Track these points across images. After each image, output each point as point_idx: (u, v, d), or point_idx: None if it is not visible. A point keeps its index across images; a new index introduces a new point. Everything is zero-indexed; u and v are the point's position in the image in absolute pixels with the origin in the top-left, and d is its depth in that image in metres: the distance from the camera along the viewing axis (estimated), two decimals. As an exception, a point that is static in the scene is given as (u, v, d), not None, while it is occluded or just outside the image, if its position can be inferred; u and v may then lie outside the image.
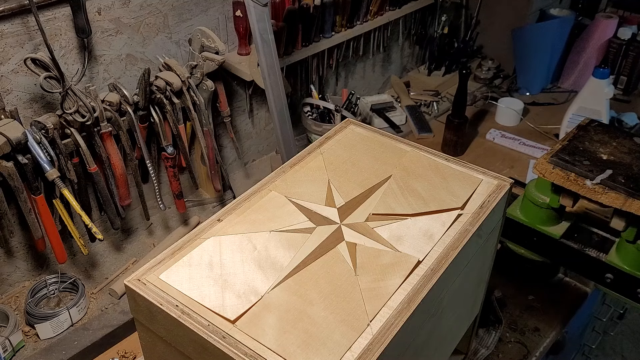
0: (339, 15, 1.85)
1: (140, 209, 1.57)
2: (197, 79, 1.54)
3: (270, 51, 1.49)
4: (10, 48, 1.26)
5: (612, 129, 1.30)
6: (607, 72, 1.85)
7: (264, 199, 0.92)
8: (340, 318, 0.73)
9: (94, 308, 1.46)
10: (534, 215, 1.30)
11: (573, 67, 2.31)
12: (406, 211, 0.90)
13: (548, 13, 2.28)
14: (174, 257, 0.81)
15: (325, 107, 1.93)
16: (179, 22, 1.54)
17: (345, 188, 0.94)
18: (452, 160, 1.01)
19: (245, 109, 1.84)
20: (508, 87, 2.33)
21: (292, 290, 0.76)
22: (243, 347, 0.69)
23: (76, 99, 1.29)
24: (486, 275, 1.10)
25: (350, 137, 1.07)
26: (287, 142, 1.62)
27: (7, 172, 1.23)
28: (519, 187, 1.41)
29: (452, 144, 1.96)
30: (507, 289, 1.40)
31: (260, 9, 1.43)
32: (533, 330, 1.32)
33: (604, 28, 2.20)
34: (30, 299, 1.40)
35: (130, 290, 0.77)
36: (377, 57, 2.23)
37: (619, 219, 1.15)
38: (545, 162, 1.20)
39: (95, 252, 1.57)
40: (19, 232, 1.42)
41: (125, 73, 1.49)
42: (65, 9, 1.30)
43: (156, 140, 1.55)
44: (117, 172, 1.44)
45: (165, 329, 0.76)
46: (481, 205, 0.92)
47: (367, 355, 0.68)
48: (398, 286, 0.77)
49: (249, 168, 1.95)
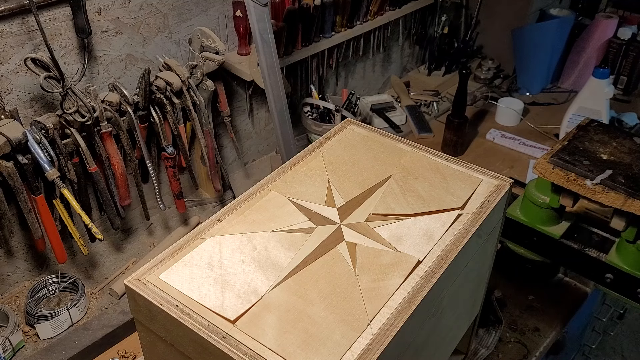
0: (339, 15, 1.85)
1: (140, 209, 1.57)
2: (197, 79, 1.54)
3: (270, 51, 1.49)
4: (10, 48, 1.26)
5: (612, 129, 1.30)
6: (607, 72, 1.85)
7: (264, 199, 0.92)
8: (340, 318, 0.73)
9: (94, 308, 1.46)
10: (534, 215, 1.30)
11: (573, 67, 2.31)
12: (406, 211, 0.90)
13: (548, 13, 2.28)
14: (174, 257, 0.81)
15: (325, 107, 1.93)
16: (179, 22, 1.54)
17: (345, 188, 0.94)
18: (452, 160, 1.01)
19: (245, 109, 1.84)
20: (508, 87, 2.33)
21: (292, 290, 0.76)
22: (243, 347, 0.69)
23: (76, 99, 1.29)
24: (486, 275, 1.10)
25: (350, 137, 1.07)
26: (287, 142, 1.63)
27: (7, 172, 1.23)
28: (519, 187, 1.41)
29: (452, 144, 1.96)
30: (507, 289, 1.40)
31: (260, 9, 1.43)
32: (533, 330, 1.32)
33: (604, 28, 2.20)
34: (30, 299, 1.40)
35: (130, 290, 0.77)
36: (377, 57, 2.23)
37: (619, 219, 1.15)
38: (545, 162, 1.20)
39: (95, 252, 1.57)
40: (19, 232, 1.42)
41: (125, 73, 1.49)
42: (65, 9, 1.30)
43: (156, 140, 1.55)
44: (117, 172, 1.44)
45: (165, 329, 0.76)
46: (481, 205, 0.92)
47: (367, 355, 0.68)
48: (398, 286, 0.77)
49: (249, 168, 1.95)
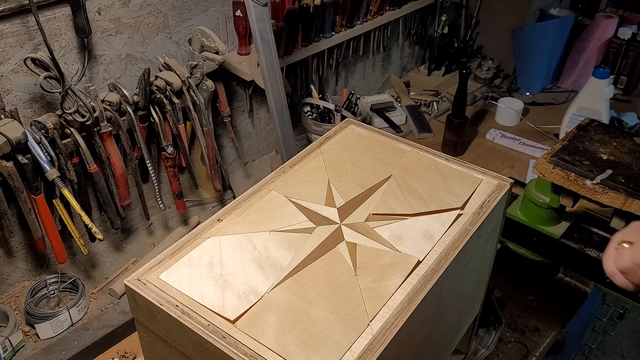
0: (339, 15, 1.85)
1: (140, 209, 1.57)
2: (197, 79, 1.54)
3: (270, 51, 1.49)
4: (10, 48, 1.26)
5: (612, 129, 1.30)
6: (607, 72, 1.85)
7: (264, 199, 0.92)
8: (340, 318, 0.73)
9: (94, 308, 1.46)
10: (534, 215, 1.30)
11: (573, 67, 2.31)
12: (406, 211, 0.90)
13: (548, 13, 2.28)
14: (174, 257, 0.81)
15: (325, 107, 1.93)
16: (179, 22, 1.54)
17: (345, 188, 0.94)
18: (452, 160, 1.01)
19: (245, 109, 1.84)
20: (508, 87, 2.33)
21: (292, 290, 0.76)
22: (243, 347, 0.69)
23: (76, 98, 1.29)
24: (486, 275, 1.10)
25: (350, 137, 1.07)
26: (287, 142, 1.63)
27: (7, 172, 1.23)
28: (519, 187, 1.41)
29: (452, 144, 1.96)
30: (507, 289, 1.40)
31: (260, 9, 1.43)
32: (533, 330, 1.32)
33: (604, 28, 2.20)
34: (30, 299, 1.40)
35: (130, 290, 0.77)
36: (377, 57, 2.23)
37: (619, 219, 1.15)
38: (545, 162, 1.20)
39: (95, 252, 1.57)
40: (19, 232, 1.42)
41: (125, 73, 1.49)
42: (65, 8, 1.30)
43: (156, 140, 1.55)
44: (117, 172, 1.44)
45: (165, 329, 0.76)
46: (481, 205, 0.92)
47: (367, 355, 0.68)
48: (398, 286, 0.77)
49: (249, 168, 1.95)
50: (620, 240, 0.71)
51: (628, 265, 0.68)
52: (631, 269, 0.68)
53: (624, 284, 0.71)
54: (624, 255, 0.69)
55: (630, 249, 0.68)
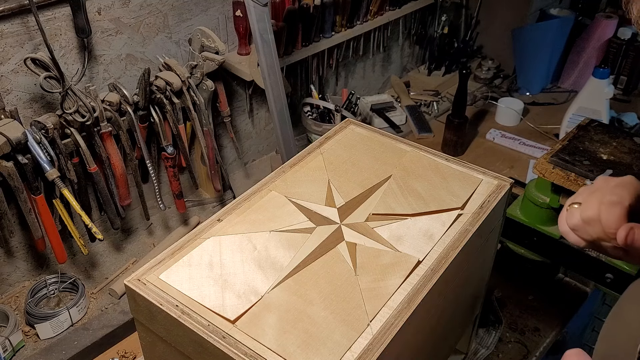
0: (339, 15, 1.85)
1: (140, 209, 1.57)
2: (197, 79, 1.54)
3: (270, 51, 1.49)
4: (10, 48, 1.26)
5: (612, 129, 1.30)
6: (607, 72, 1.85)
7: (264, 199, 0.92)
8: (340, 318, 0.73)
9: (94, 308, 1.46)
10: (534, 215, 1.29)
11: (573, 67, 2.31)
12: (406, 211, 0.90)
13: (548, 13, 2.28)
14: (174, 257, 0.81)
15: (325, 107, 1.93)
16: (179, 22, 1.54)
17: (345, 188, 0.94)
18: (452, 160, 1.01)
19: (245, 109, 1.84)
20: (508, 87, 2.33)
21: (292, 290, 0.76)
22: (243, 347, 0.69)
23: (76, 98, 1.29)
24: (486, 275, 1.10)
25: (350, 137, 1.07)
26: (287, 142, 1.63)
27: (7, 172, 1.23)
28: (519, 187, 1.41)
29: (452, 144, 1.96)
30: (507, 289, 1.40)
31: (260, 9, 1.43)
32: (533, 330, 1.32)
33: (604, 28, 2.20)
34: (30, 299, 1.40)
35: (130, 290, 0.77)
36: (377, 57, 2.23)
37: (619, 219, 1.15)
38: (545, 162, 1.20)
39: (95, 252, 1.57)
40: (19, 232, 1.42)
41: (125, 73, 1.49)
42: (65, 9, 1.30)
43: (156, 140, 1.55)
44: (117, 172, 1.44)
45: (165, 329, 0.76)
46: (481, 205, 0.92)
47: (367, 355, 0.68)
48: (398, 286, 0.77)
49: (249, 168, 1.95)
50: (571, 202, 0.77)
51: (577, 222, 0.75)
52: (580, 226, 0.75)
53: (576, 241, 0.77)
54: (574, 214, 0.75)
55: (578, 208, 0.75)
